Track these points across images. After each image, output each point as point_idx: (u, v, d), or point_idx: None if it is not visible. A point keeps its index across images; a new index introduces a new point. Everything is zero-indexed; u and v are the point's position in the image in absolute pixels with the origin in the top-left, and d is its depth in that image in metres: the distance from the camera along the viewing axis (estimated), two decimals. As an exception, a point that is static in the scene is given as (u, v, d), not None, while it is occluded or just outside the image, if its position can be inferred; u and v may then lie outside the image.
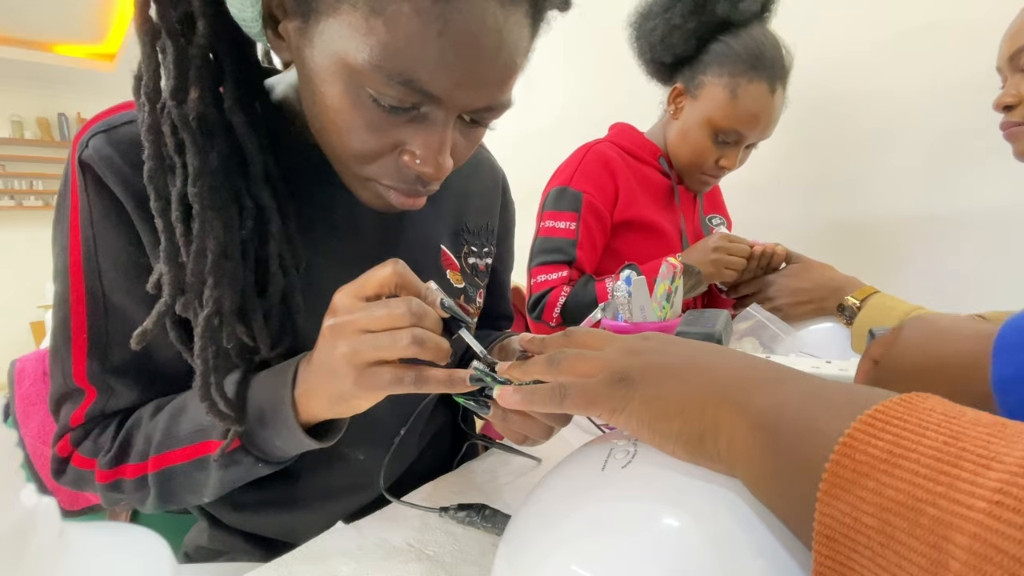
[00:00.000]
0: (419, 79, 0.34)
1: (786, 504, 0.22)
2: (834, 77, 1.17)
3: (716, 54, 0.89)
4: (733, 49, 0.87)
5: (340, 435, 0.42)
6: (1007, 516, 0.15)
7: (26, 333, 4.16)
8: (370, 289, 0.36)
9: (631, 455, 0.28)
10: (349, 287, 0.37)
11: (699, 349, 0.31)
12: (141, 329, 0.38)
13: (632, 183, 0.99)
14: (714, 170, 0.97)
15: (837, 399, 0.22)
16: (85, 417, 0.44)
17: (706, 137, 0.93)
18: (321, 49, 0.35)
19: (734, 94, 0.87)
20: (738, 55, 0.87)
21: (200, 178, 0.36)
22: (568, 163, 1.02)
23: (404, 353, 0.34)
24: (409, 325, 0.34)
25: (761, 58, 0.86)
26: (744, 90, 0.87)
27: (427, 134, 0.38)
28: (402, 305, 0.34)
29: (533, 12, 0.37)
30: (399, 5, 0.32)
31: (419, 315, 0.34)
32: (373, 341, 0.34)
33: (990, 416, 0.19)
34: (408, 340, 0.33)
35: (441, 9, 0.32)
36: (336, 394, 0.37)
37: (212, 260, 0.37)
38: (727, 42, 0.88)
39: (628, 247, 0.99)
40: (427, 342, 0.34)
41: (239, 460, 0.41)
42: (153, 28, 0.36)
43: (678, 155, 1.00)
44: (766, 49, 0.86)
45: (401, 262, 0.36)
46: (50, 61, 3.88)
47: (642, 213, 0.98)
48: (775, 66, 0.86)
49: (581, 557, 0.25)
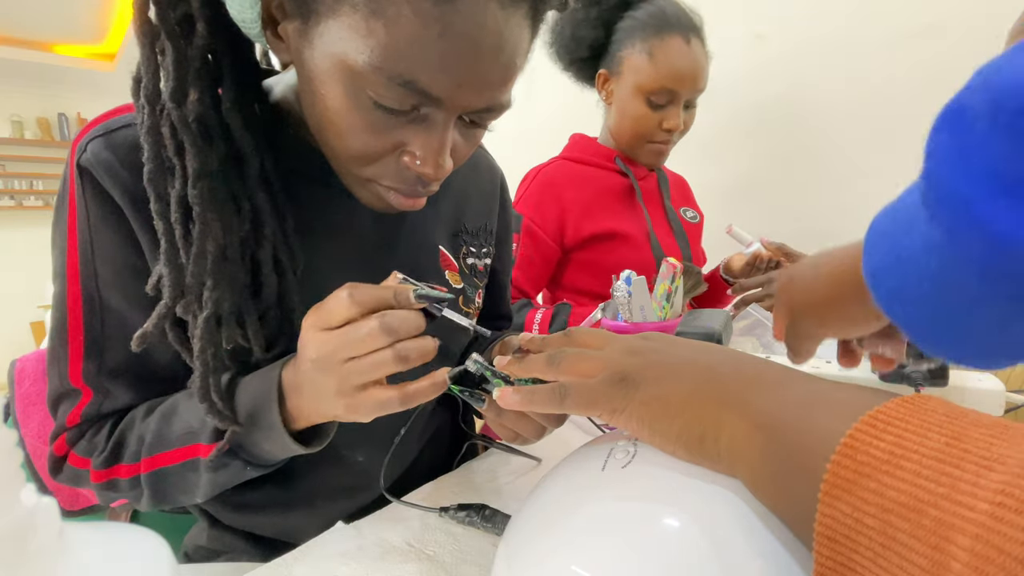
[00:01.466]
0: (419, 81, 0.34)
1: (787, 504, 0.22)
2: (832, 77, 1.17)
3: (624, 30, 0.95)
4: (638, 19, 0.93)
5: (328, 440, 0.43)
6: (1009, 517, 0.15)
7: (26, 333, 4.16)
8: (334, 320, 0.35)
9: (631, 455, 0.28)
10: (314, 321, 0.36)
11: (699, 349, 0.31)
12: (142, 331, 0.38)
13: (587, 198, 1.00)
14: (661, 135, 0.98)
15: (838, 400, 0.22)
16: (81, 417, 0.44)
17: (641, 104, 0.95)
18: (321, 51, 0.35)
19: (651, 55, 0.92)
20: (643, 22, 0.93)
21: (200, 180, 0.36)
22: (519, 186, 1.04)
23: (390, 372, 0.34)
24: (389, 344, 0.34)
25: (665, 17, 0.92)
26: (659, 48, 0.91)
27: (427, 135, 0.38)
28: (373, 325, 0.33)
29: (533, 13, 0.37)
30: (399, 7, 0.32)
31: (395, 330, 0.34)
32: (357, 368, 0.34)
33: (992, 417, 0.19)
34: (390, 358, 0.34)
35: (442, 11, 0.32)
36: (326, 415, 0.38)
37: (212, 261, 0.37)
38: (631, 16, 0.95)
39: (597, 259, 1.00)
40: (410, 355, 0.34)
41: (228, 463, 0.42)
42: (152, 30, 0.35)
43: (622, 135, 1.01)
44: (668, 8, 0.93)
45: (353, 285, 0.35)
46: (50, 61, 3.88)
47: (603, 224, 0.99)
48: (682, 20, 0.92)
49: (581, 557, 0.25)
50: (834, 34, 1.16)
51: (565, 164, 1.04)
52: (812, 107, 1.22)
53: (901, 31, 1.06)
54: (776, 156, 1.30)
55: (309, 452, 0.41)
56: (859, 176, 1.17)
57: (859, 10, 1.11)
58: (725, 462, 0.25)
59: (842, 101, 1.17)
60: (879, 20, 1.09)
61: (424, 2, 0.32)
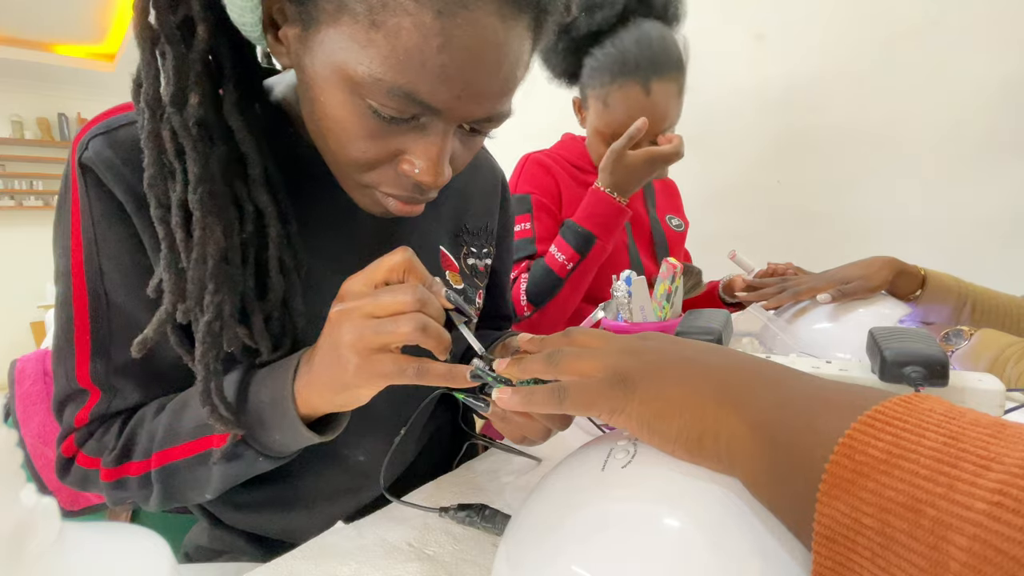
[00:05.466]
0: (419, 92, 0.34)
1: (786, 504, 0.22)
2: (832, 77, 1.17)
3: (589, 69, 0.91)
4: (600, 61, 0.89)
5: (341, 430, 0.42)
6: (1006, 517, 0.15)
7: (26, 333, 4.16)
8: (380, 275, 0.36)
9: (631, 455, 0.28)
10: (360, 274, 0.37)
11: (699, 349, 0.31)
12: (142, 337, 0.38)
13: (572, 189, 1.00)
14: None
15: (837, 399, 0.22)
16: (89, 417, 0.44)
17: (601, 145, 0.93)
18: (321, 59, 0.35)
19: (606, 104, 0.89)
20: (603, 65, 0.88)
21: (201, 184, 0.36)
22: (512, 175, 1.03)
23: (407, 339, 0.34)
24: (413, 311, 0.34)
25: (624, 63, 0.85)
26: (614, 97, 0.87)
27: (426, 143, 0.38)
28: (408, 291, 0.34)
29: (534, 25, 0.37)
30: (400, 19, 0.32)
31: (423, 301, 0.35)
32: (377, 326, 0.34)
33: (989, 417, 0.19)
34: (412, 326, 0.34)
35: (443, 24, 0.32)
36: (337, 383, 0.37)
37: (213, 265, 0.37)
38: (595, 55, 0.89)
39: None
40: (429, 329, 0.34)
41: (241, 454, 0.41)
42: (152, 34, 0.35)
43: (596, 160, 1.00)
44: (628, 52, 0.85)
45: (409, 249, 0.37)
46: (50, 61, 3.88)
47: None
48: (641, 65, 0.85)
49: (581, 557, 0.25)
50: (834, 34, 1.16)
51: (555, 156, 1.04)
52: (812, 107, 1.22)
53: (901, 31, 1.06)
54: (775, 158, 1.30)
55: (323, 441, 0.41)
56: (859, 176, 1.17)
57: (858, 10, 1.11)
58: (724, 462, 0.25)
59: (842, 101, 1.17)
60: (879, 20, 1.09)
61: (425, 14, 0.31)
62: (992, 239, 1.02)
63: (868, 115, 1.14)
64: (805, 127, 1.24)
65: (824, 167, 1.23)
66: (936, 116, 1.05)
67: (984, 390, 0.40)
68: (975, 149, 1.01)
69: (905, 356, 0.40)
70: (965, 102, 1.00)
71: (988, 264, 1.01)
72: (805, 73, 1.22)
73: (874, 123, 1.13)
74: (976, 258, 1.03)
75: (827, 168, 1.22)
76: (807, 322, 0.80)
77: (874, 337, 0.44)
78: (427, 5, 0.31)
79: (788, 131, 1.27)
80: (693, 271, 1.00)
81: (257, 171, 0.40)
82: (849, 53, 1.14)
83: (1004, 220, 1.00)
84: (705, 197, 1.22)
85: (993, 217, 1.01)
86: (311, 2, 0.34)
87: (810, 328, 0.79)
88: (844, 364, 0.48)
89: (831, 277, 0.79)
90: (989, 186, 1.01)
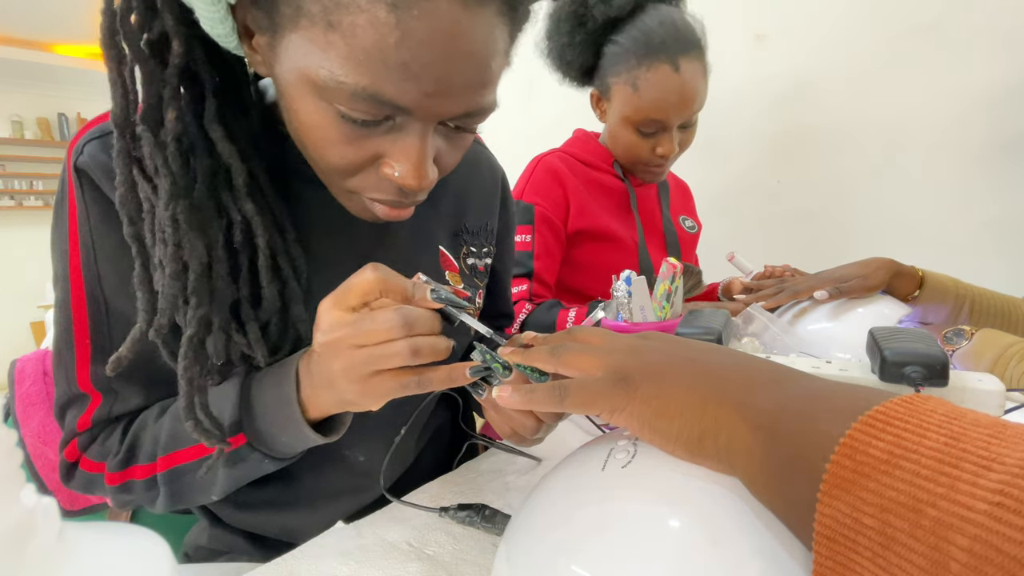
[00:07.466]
0: (384, 92, 0.33)
1: (786, 504, 0.22)
2: (832, 77, 1.17)
3: (611, 56, 0.90)
4: (623, 46, 0.88)
5: (345, 429, 0.43)
6: (1007, 517, 0.15)
7: (26, 333, 4.16)
8: (354, 300, 0.34)
9: (631, 455, 0.28)
10: (331, 299, 0.36)
11: (699, 349, 0.31)
12: (116, 356, 0.37)
13: (583, 193, 0.99)
14: (656, 160, 0.95)
15: (838, 400, 0.22)
16: (91, 421, 0.44)
17: (631, 133, 0.93)
18: (287, 65, 0.34)
19: (635, 87, 0.88)
20: (628, 49, 0.87)
21: (173, 200, 0.35)
22: (520, 177, 1.03)
23: (401, 364, 0.34)
24: (401, 337, 0.33)
25: (650, 43, 0.85)
26: (644, 80, 0.87)
27: (404, 145, 0.36)
28: (390, 317, 0.33)
29: (507, 10, 0.35)
30: (354, 17, 0.31)
31: (410, 324, 0.33)
32: (367, 356, 0.34)
33: (990, 417, 0.19)
34: (404, 351, 0.33)
35: (398, 18, 0.30)
36: (341, 401, 0.37)
37: (195, 279, 0.36)
38: (617, 41, 0.89)
39: (584, 257, 0.99)
40: (423, 350, 0.33)
41: (246, 457, 0.41)
42: (118, 54, 0.34)
43: (617, 155, 1.00)
44: (654, 33, 0.85)
45: (381, 266, 0.35)
46: (50, 61, 3.88)
47: (595, 222, 0.98)
48: (668, 44, 0.85)
49: (581, 557, 0.25)
50: (834, 34, 1.16)
51: (565, 157, 1.02)
52: (812, 107, 1.22)
53: (901, 31, 1.06)
54: (775, 159, 1.30)
55: (328, 441, 0.41)
56: (859, 176, 1.17)
57: (859, 10, 1.11)
58: (724, 462, 0.25)
59: (842, 101, 1.17)
60: (879, 20, 1.09)
61: (379, 10, 0.30)
62: (992, 240, 1.02)
63: (868, 115, 1.13)
64: (805, 127, 1.24)
65: (824, 167, 1.23)
66: (936, 116, 1.05)
67: (984, 390, 0.40)
68: (975, 149, 1.01)
69: (905, 356, 0.40)
70: (965, 102, 1.00)
71: (988, 265, 1.01)
72: (805, 73, 1.21)
73: (874, 123, 1.13)
74: (976, 259, 1.03)
75: (827, 168, 1.22)
76: (807, 322, 0.80)
77: (874, 337, 0.44)
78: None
79: (788, 131, 1.27)
80: (693, 271, 1.00)
81: (241, 180, 0.39)
82: (849, 53, 1.14)
83: (1004, 220, 1.00)
84: (705, 197, 1.22)
85: (993, 218, 1.01)
86: (273, 8, 0.33)
87: (810, 328, 0.79)
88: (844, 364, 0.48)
89: (828, 276, 0.79)
90: (989, 187, 1.01)
